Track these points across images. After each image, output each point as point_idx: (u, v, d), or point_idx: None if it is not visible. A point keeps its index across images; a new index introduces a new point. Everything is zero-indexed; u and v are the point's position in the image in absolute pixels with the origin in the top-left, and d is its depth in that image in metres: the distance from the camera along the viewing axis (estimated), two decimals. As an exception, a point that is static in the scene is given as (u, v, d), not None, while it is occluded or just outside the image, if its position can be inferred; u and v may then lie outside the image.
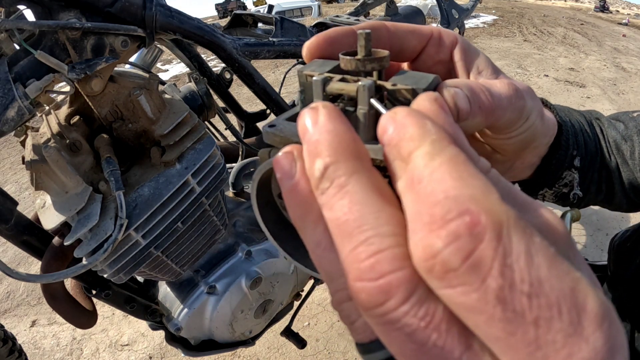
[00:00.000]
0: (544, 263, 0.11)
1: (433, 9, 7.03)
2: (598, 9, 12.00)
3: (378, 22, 0.24)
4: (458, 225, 0.11)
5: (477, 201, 0.11)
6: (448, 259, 0.11)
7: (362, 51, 0.18)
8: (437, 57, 0.26)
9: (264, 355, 1.61)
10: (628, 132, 0.39)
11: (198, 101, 0.70)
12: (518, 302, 0.11)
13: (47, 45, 0.45)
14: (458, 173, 0.12)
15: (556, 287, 0.11)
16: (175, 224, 0.62)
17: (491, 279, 0.11)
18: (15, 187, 2.94)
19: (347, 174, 0.13)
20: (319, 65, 0.20)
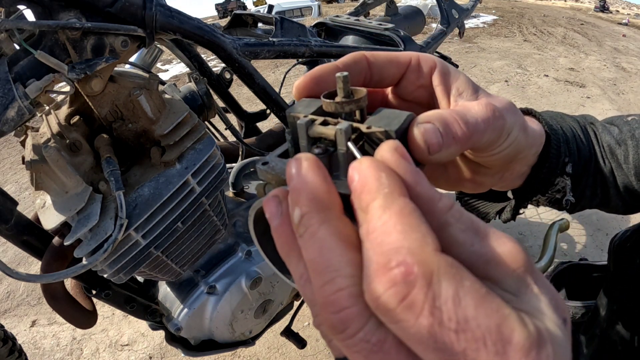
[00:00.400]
0: (471, 303, 0.13)
1: (433, 9, 7.03)
2: (598, 9, 12.00)
3: (358, 55, 0.25)
4: (395, 275, 0.13)
5: (412, 254, 0.14)
6: (387, 300, 0.13)
7: (342, 93, 0.20)
8: (417, 82, 0.27)
9: (264, 355, 1.61)
10: (622, 136, 0.40)
11: (198, 101, 0.70)
12: (447, 336, 0.13)
13: (47, 45, 0.45)
14: (402, 226, 0.14)
15: (482, 324, 0.13)
16: (175, 224, 0.62)
17: (422, 317, 0.13)
18: (15, 187, 2.93)
19: (318, 223, 0.16)
20: (305, 106, 0.22)
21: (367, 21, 1.13)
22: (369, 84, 0.27)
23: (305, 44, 0.72)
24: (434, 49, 1.13)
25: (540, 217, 1.97)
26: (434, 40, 1.12)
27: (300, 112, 0.21)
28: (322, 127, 0.19)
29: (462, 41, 6.39)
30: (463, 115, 0.23)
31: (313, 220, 0.16)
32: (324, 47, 0.76)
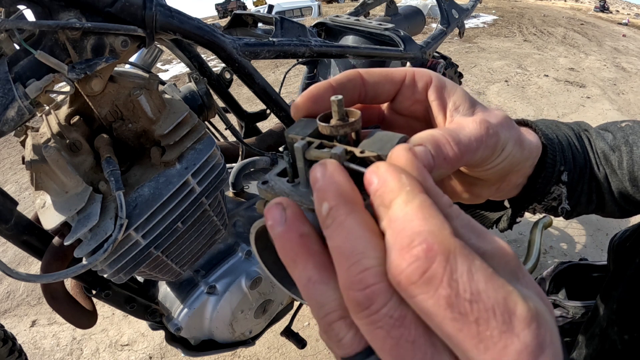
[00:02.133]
0: (482, 278, 0.15)
1: (433, 9, 7.03)
2: (598, 9, 11.99)
3: (352, 73, 0.26)
4: (418, 251, 0.15)
5: (433, 235, 0.15)
6: (410, 274, 0.15)
7: (337, 115, 0.21)
8: (412, 97, 0.28)
9: (264, 355, 1.61)
10: (616, 142, 0.40)
11: (198, 101, 0.70)
12: (462, 306, 0.14)
13: (47, 45, 0.45)
14: (423, 215, 0.16)
15: (492, 296, 0.14)
16: (175, 224, 0.62)
17: (441, 289, 0.15)
18: (15, 187, 2.93)
19: (345, 214, 0.17)
20: (302, 127, 0.23)
21: (367, 21, 1.13)
22: (364, 100, 0.27)
23: (305, 44, 0.72)
24: (434, 49, 1.13)
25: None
26: (434, 40, 1.12)
27: (298, 133, 0.22)
28: (317, 151, 0.20)
29: (462, 41, 6.39)
30: (455, 135, 0.24)
31: (340, 211, 0.17)
32: (324, 47, 0.76)
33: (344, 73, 0.26)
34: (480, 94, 4.20)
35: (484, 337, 0.14)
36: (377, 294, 0.16)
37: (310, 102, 0.25)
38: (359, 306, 0.16)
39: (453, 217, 0.18)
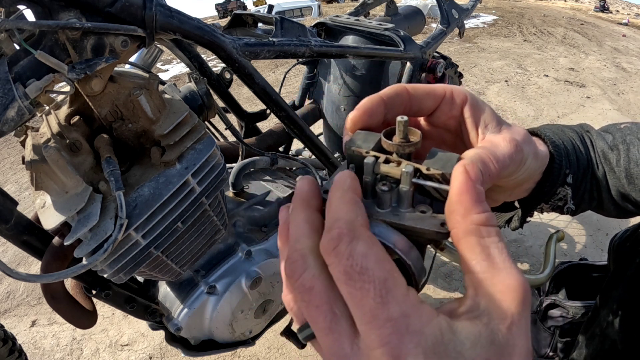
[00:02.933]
0: (372, 260, 0.19)
1: (433, 9, 7.03)
2: (598, 9, 11.99)
3: (400, 87, 0.28)
4: (334, 232, 0.20)
5: (347, 222, 0.20)
6: (327, 246, 0.20)
7: (400, 134, 0.23)
8: (449, 113, 0.30)
9: (264, 355, 1.61)
10: (615, 142, 0.43)
11: (198, 101, 0.70)
12: (353, 275, 0.18)
13: (47, 45, 0.45)
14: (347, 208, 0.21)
15: (376, 274, 0.18)
16: (175, 224, 0.62)
17: (344, 260, 0.19)
18: (15, 187, 2.93)
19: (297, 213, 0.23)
20: (363, 141, 0.25)
21: (367, 21, 1.13)
22: (408, 113, 0.29)
23: (305, 44, 0.72)
24: (434, 49, 1.13)
25: (540, 218, 1.97)
26: (434, 40, 1.12)
27: (361, 147, 0.24)
28: (388, 167, 0.23)
29: (462, 41, 6.39)
30: (494, 153, 0.27)
31: (294, 213, 0.23)
32: (324, 47, 0.76)
33: (392, 88, 0.28)
34: (480, 94, 4.20)
35: (364, 303, 0.18)
36: (296, 266, 0.21)
37: (366, 115, 0.27)
38: (286, 276, 0.21)
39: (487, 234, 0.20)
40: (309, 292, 0.20)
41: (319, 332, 0.20)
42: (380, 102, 0.27)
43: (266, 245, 0.84)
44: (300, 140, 0.79)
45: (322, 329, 0.20)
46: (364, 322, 0.18)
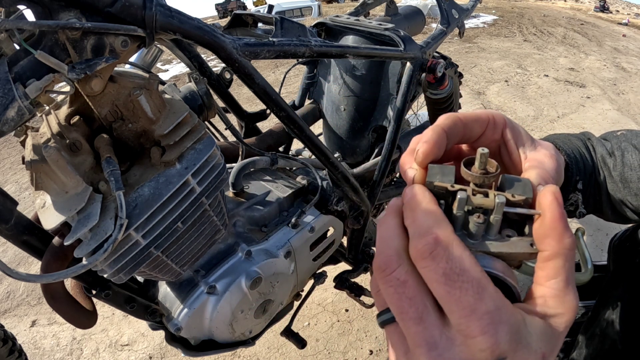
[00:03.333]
0: (467, 262, 0.22)
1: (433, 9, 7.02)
2: (598, 9, 11.98)
3: (455, 116, 0.30)
4: (430, 238, 0.23)
5: (439, 230, 0.23)
6: (423, 251, 0.22)
7: (481, 165, 0.25)
8: (492, 137, 0.32)
9: (264, 355, 1.61)
10: (612, 148, 0.47)
11: (198, 101, 0.70)
12: (452, 276, 0.21)
13: (47, 45, 0.45)
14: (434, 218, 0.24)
15: (472, 275, 0.21)
16: (175, 224, 0.62)
17: (441, 263, 0.22)
18: (15, 187, 2.93)
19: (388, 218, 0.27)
20: (442, 174, 0.26)
21: (367, 21, 1.13)
22: (462, 140, 0.32)
23: (305, 44, 0.72)
24: (434, 49, 1.13)
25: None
26: (434, 40, 1.12)
27: (444, 181, 0.25)
28: (481, 199, 0.24)
29: (462, 41, 6.38)
30: (547, 171, 0.30)
31: (389, 217, 0.27)
32: (324, 47, 0.76)
33: (449, 117, 0.30)
34: (480, 94, 4.19)
35: (463, 299, 0.21)
36: (391, 262, 0.24)
37: (436, 148, 0.28)
38: (379, 268, 0.24)
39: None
40: (403, 285, 0.23)
41: (409, 321, 0.23)
42: (444, 134, 0.29)
43: (266, 245, 0.84)
44: (300, 140, 0.79)
45: (413, 318, 0.22)
46: (463, 315, 0.21)
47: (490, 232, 0.25)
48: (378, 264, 0.24)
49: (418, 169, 0.28)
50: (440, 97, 1.07)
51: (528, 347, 0.21)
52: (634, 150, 0.44)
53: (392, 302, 0.24)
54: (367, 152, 1.32)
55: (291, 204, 0.95)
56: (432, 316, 0.22)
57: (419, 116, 1.84)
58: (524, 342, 0.21)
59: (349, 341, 1.65)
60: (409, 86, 1.01)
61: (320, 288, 1.83)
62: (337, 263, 1.20)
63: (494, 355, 0.20)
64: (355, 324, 1.72)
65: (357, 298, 1.16)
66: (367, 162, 1.18)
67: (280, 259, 0.84)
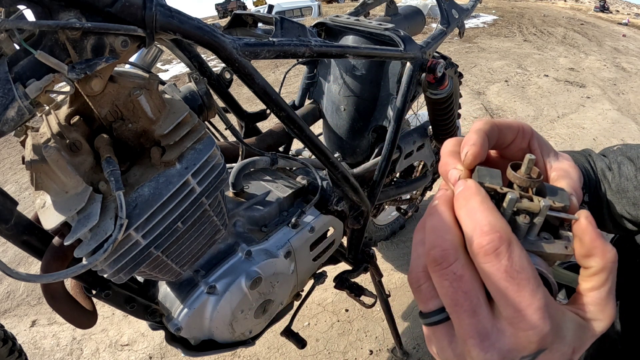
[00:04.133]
0: (526, 261, 0.23)
1: (433, 9, 7.02)
2: (598, 9, 11.98)
3: (492, 122, 0.32)
4: (493, 236, 0.24)
5: (501, 229, 0.24)
6: (488, 249, 0.23)
7: (526, 170, 0.27)
8: (520, 145, 0.34)
9: (264, 355, 1.61)
10: (610, 162, 0.50)
11: (198, 101, 0.70)
12: (513, 273, 0.23)
13: (47, 45, 0.45)
14: (494, 216, 0.25)
15: (530, 272, 0.23)
16: (175, 224, 0.62)
17: (504, 260, 0.23)
18: (15, 187, 2.93)
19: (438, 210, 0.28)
20: (490, 177, 0.28)
21: (367, 21, 1.13)
22: (496, 146, 0.33)
23: (305, 44, 0.72)
24: (434, 49, 1.13)
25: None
26: (434, 40, 1.12)
27: (493, 183, 0.27)
28: (527, 202, 0.26)
29: (462, 41, 6.38)
30: (575, 180, 0.31)
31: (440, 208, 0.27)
32: (324, 47, 0.76)
33: (488, 123, 0.31)
34: (480, 94, 4.19)
35: (520, 294, 0.22)
36: (448, 256, 0.24)
37: (482, 150, 0.30)
38: (435, 261, 0.25)
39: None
40: (459, 280, 0.24)
41: (463, 313, 0.24)
42: (486, 137, 0.30)
43: (266, 245, 0.84)
44: (300, 140, 0.79)
45: (467, 311, 0.24)
46: (518, 309, 0.22)
47: (532, 233, 0.26)
48: (434, 257, 0.25)
49: (464, 170, 0.29)
50: (440, 97, 1.07)
51: (564, 340, 0.23)
52: (629, 162, 0.48)
53: (446, 294, 0.25)
54: (367, 152, 1.32)
55: (291, 204, 0.95)
56: (484, 309, 0.24)
57: (419, 116, 1.84)
58: (561, 335, 0.23)
59: (349, 341, 1.65)
60: (409, 86, 1.01)
61: (320, 288, 1.83)
62: (337, 263, 1.20)
63: (539, 346, 0.23)
64: (355, 324, 1.72)
65: (357, 298, 1.16)
66: (367, 162, 1.18)
67: (280, 259, 0.84)
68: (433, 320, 0.27)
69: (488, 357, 0.23)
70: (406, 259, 2.04)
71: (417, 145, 1.28)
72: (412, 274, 0.28)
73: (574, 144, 3.15)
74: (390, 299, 1.69)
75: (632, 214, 0.47)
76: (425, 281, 0.27)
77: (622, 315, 0.52)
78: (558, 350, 0.23)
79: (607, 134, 3.30)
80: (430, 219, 0.27)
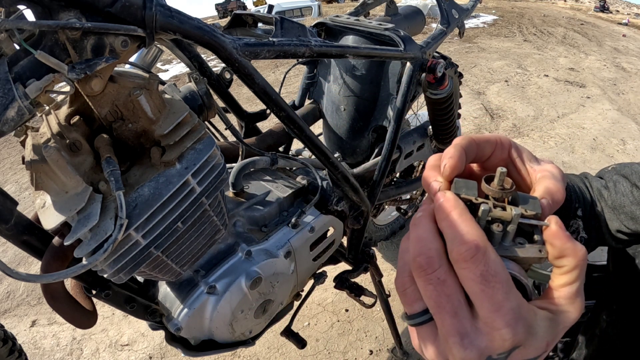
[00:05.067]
0: (499, 266, 0.25)
1: (433, 9, 7.02)
2: (598, 9, 11.99)
3: (470, 138, 0.33)
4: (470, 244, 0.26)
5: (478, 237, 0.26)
6: (465, 255, 0.26)
7: (500, 182, 0.29)
8: (500, 156, 0.36)
9: (264, 355, 1.61)
10: (606, 181, 0.52)
11: (198, 101, 0.70)
12: (487, 277, 0.25)
13: (47, 45, 0.45)
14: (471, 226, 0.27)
15: (503, 277, 0.25)
16: (175, 224, 0.62)
17: (480, 266, 0.25)
18: (15, 187, 2.93)
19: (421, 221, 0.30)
20: (466, 188, 0.30)
21: (367, 21, 1.13)
22: (475, 159, 0.35)
23: (305, 44, 0.72)
24: (434, 49, 1.13)
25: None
26: (434, 40, 1.12)
27: (468, 194, 0.29)
28: (500, 211, 0.28)
29: (462, 41, 6.38)
30: (558, 178, 0.33)
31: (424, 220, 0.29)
32: (324, 47, 0.76)
33: (465, 139, 0.33)
34: (480, 94, 4.19)
35: (494, 297, 0.24)
36: (432, 262, 0.27)
37: (460, 162, 0.32)
38: (420, 268, 0.27)
39: None
40: (443, 284, 0.26)
41: (446, 315, 0.26)
42: (463, 151, 0.32)
43: (266, 245, 0.84)
44: (300, 140, 0.79)
45: (449, 312, 0.26)
46: (492, 310, 0.24)
47: (506, 240, 0.28)
48: (419, 264, 0.27)
49: (443, 182, 0.31)
50: (440, 97, 1.07)
51: (536, 336, 0.25)
52: (624, 179, 0.50)
53: (430, 297, 0.27)
54: (367, 152, 1.32)
55: (291, 204, 0.95)
56: (464, 310, 0.26)
57: (419, 116, 1.84)
58: (533, 333, 0.25)
59: (349, 341, 1.65)
60: (409, 86, 1.01)
61: (320, 288, 1.83)
62: (337, 263, 1.20)
63: (512, 344, 0.25)
64: (355, 324, 1.72)
65: (357, 298, 1.16)
66: (367, 162, 1.18)
67: (280, 259, 0.84)
68: (418, 321, 0.29)
69: (467, 353, 0.25)
70: (406, 259, 2.04)
71: (417, 145, 1.28)
72: (399, 279, 0.30)
73: (574, 144, 3.15)
74: (390, 299, 1.69)
75: (632, 228, 0.49)
76: (410, 285, 0.29)
77: (621, 316, 0.52)
78: (531, 345, 0.25)
79: (607, 134, 3.30)
80: (416, 230, 0.29)
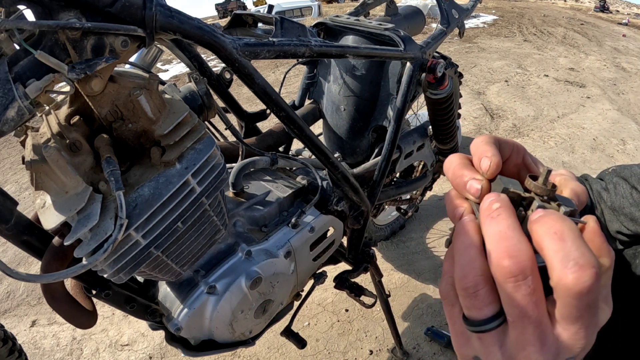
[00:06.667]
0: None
1: (433, 9, 7.02)
2: (598, 9, 11.99)
3: (494, 138, 0.34)
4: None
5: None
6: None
7: (543, 180, 0.29)
8: (515, 161, 0.36)
9: (264, 355, 1.61)
10: (606, 183, 0.53)
11: (198, 101, 0.70)
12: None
13: (47, 45, 0.45)
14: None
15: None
16: (175, 224, 0.62)
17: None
18: (15, 187, 2.93)
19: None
20: (512, 184, 0.30)
21: (367, 21, 1.13)
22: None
23: (305, 44, 0.72)
24: (434, 49, 1.13)
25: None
26: (434, 40, 1.12)
27: (517, 190, 0.29)
28: (552, 207, 0.28)
29: (462, 41, 6.38)
30: (578, 183, 0.33)
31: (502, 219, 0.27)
32: (324, 47, 0.76)
33: (490, 137, 0.34)
34: (480, 94, 4.19)
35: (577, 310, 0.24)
36: (525, 268, 0.25)
37: (501, 160, 0.31)
38: (511, 273, 0.25)
39: None
40: (533, 292, 0.26)
41: (529, 323, 0.26)
42: (496, 151, 0.32)
43: (266, 245, 0.84)
44: (300, 140, 0.79)
45: (534, 321, 0.26)
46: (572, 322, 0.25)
47: None
48: (511, 269, 0.25)
49: (484, 180, 0.31)
50: (440, 97, 1.07)
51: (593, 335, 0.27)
52: (624, 181, 0.51)
53: (516, 304, 0.26)
54: (367, 152, 1.32)
55: (291, 204, 0.95)
56: (547, 319, 0.26)
57: (419, 116, 1.84)
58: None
59: (349, 341, 1.65)
60: (409, 86, 1.01)
61: (320, 288, 1.83)
62: (337, 263, 1.20)
63: (583, 348, 0.26)
64: (355, 324, 1.72)
65: (357, 298, 1.16)
66: (367, 162, 1.18)
67: (280, 259, 0.84)
68: (489, 327, 0.27)
69: (544, 359, 0.26)
70: (406, 259, 2.04)
71: (417, 145, 1.28)
72: (469, 278, 0.27)
73: (574, 144, 3.15)
74: (390, 299, 1.69)
75: (632, 229, 0.49)
76: (484, 286, 0.27)
77: (621, 316, 0.52)
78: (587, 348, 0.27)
79: (607, 134, 3.30)
80: (496, 225, 0.27)
